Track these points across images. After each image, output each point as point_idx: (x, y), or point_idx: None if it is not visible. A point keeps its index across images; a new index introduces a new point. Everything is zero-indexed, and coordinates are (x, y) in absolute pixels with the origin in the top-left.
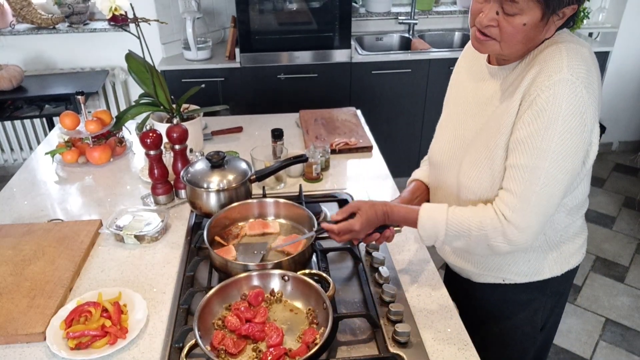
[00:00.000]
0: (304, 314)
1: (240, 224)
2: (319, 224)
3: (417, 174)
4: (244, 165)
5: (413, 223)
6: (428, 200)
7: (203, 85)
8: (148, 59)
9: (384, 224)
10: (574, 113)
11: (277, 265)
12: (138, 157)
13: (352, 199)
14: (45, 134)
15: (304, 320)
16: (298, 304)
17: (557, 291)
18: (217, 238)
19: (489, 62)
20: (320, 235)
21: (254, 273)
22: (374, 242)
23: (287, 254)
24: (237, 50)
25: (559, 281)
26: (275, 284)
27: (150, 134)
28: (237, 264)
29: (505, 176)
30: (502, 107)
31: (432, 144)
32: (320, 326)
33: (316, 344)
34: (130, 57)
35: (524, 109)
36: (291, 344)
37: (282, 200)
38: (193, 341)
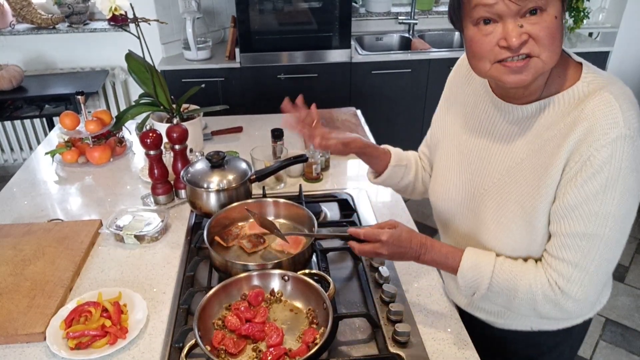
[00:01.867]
0: (304, 314)
1: (240, 224)
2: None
3: (393, 150)
4: (244, 165)
5: (452, 267)
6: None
7: (203, 85)
8: (148, 59)
9: (415, 258)
10: (632, 170)
11: (277, 265)
12: (138, 157)
13: (352, 198)
14: (45, 134)
15: (304, 320)
16: (298, 304)
17: (584, 329)
18: (217, 238)
19: (496, 93)
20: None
21: (254, 273)
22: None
23: (288, 254)
24: (237, 50)
25: (588, 321)
26: (275, 284)
27: (150, 134)
28: (237, 263)
29: (554, 243)
30: (538, 163)
31: (434, 186)
32: (320, 326)
33: (316, 344)
34: (130, 57)
35: (574, 170)
36: (291, 344)
37: (282, 200)
38: (193, 341)
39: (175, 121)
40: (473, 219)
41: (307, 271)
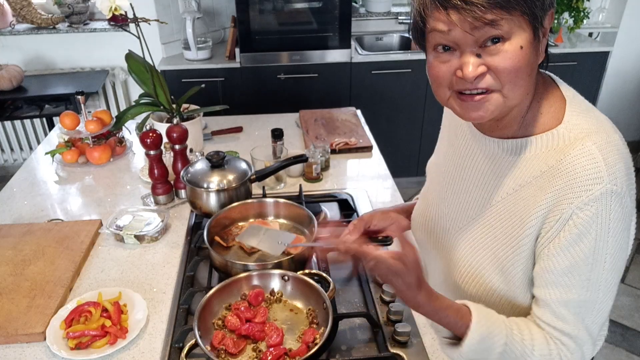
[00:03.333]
0: (304, 314)
1: (241, 224)
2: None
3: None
4: (244, 165)
5: (457, 330)
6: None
7: (203, 85)
8: (148, 58)
9: (410, 300)
10: (622, 228)
11: (277, 265)
12: (138, 157)
13: (352, 198)
14: (45, 134)
15: (304, 320)
16: (298, 304)
17: None
18: (217, 238)
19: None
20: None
21: (254, 273)
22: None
23: (287, 254)
24: (237, 50)
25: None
26: (275, 283)
27: (150, 134)
28: (238, 263)
29: (548, 314)
30: (512, 211)
31: (414, 214)
32: (320, 326)
33: (316, 344)
34: (130, 57)
35: (555, 229)
36: (291, 343)
37: (282, 200)
38: (193, 341)
39: (175, 121)
40: (447, 256)
41: (307, 271)
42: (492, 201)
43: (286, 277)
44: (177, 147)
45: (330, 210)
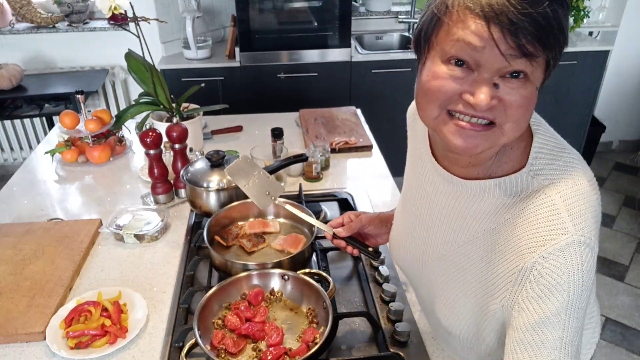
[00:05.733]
0: (303, 314)
1: (240, 223)
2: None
3: None
4: None
5: None
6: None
7: (203, 85)
8: (148, 58)
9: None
10: (589, 279)
11: (277, 265)
12: (138, 157)
13: (352, 198)
14: (45, 133)
15: (304, 320)
16: (298, 304)
17: None
18: (217, 237)
19: (435, 155)
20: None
21: (254, 272)
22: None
23: (288, 253)
24: (237, 50)
25: None
26: (275, 283)
27: (150, 133)
28: (237, 263)
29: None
30: (478, 255)
31: (391, 239)
32: (320, 325)
33: (316, 343)
34: (130, 56)
35: (520, 279)
36: (291, 343)
37: (281, 199)
38: (193, 340)
39: (175, 120)
40: (427, 286)
41: (307, 270)
42: (461, 241)
43: (286, 277)
44: (176, 146)
45: (330, 210)
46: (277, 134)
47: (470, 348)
